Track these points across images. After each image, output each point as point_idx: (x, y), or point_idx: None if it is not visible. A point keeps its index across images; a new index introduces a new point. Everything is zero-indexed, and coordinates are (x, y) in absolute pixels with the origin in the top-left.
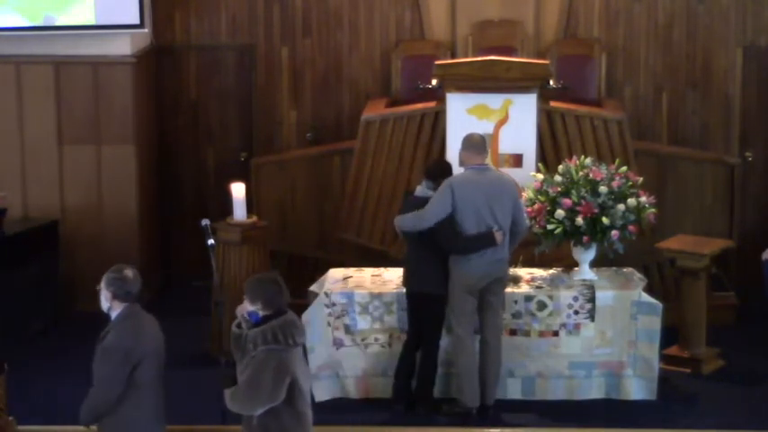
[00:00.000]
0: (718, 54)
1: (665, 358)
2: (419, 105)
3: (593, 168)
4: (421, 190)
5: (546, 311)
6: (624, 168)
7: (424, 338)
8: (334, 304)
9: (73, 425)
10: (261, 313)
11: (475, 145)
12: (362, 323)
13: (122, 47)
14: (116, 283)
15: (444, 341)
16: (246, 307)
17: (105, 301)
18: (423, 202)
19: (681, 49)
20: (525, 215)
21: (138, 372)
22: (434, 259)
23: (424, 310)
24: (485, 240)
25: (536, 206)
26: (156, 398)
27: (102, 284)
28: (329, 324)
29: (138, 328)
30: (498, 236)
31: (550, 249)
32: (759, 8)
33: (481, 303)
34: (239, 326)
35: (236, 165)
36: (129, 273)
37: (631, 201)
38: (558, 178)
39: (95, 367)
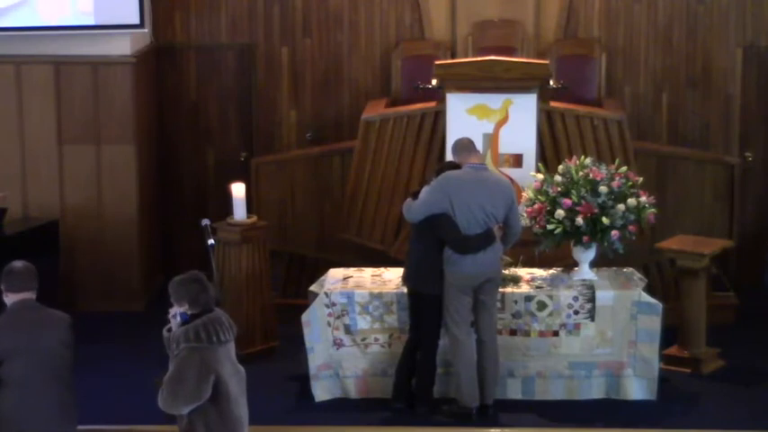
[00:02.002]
0: (718, 54)
1: (665, 358)
2: (419, 105)
3: (593, 168)
4: None
5: (546, 311)
6: (624, 168)
7: (422, 338)
8: (334, 304)
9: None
10: (189, 313)
11: (465, 147)
12: (362, 323)
13: (122, 47)
14: (4, 278)
15: (443, 341)
16: (177, 309)
17: (5, 297)
18: None
19: (681, 49)
20: (520, 219)
21: (3, 368)
22: (434, 259)
23: (421, 310)
24: (487, 239)
25: (536, 206)
26: (34, 399)
27: None
28: (329, 324)
29: (12, 324)
30: (498, 232)
31: (550, 249)
32: (759, 8)
33: (475, 303)
34: (170, 329)
35: (236, 165)
36: (18, 265)
37: (631, 201)
38: (558, 178)
39: None
